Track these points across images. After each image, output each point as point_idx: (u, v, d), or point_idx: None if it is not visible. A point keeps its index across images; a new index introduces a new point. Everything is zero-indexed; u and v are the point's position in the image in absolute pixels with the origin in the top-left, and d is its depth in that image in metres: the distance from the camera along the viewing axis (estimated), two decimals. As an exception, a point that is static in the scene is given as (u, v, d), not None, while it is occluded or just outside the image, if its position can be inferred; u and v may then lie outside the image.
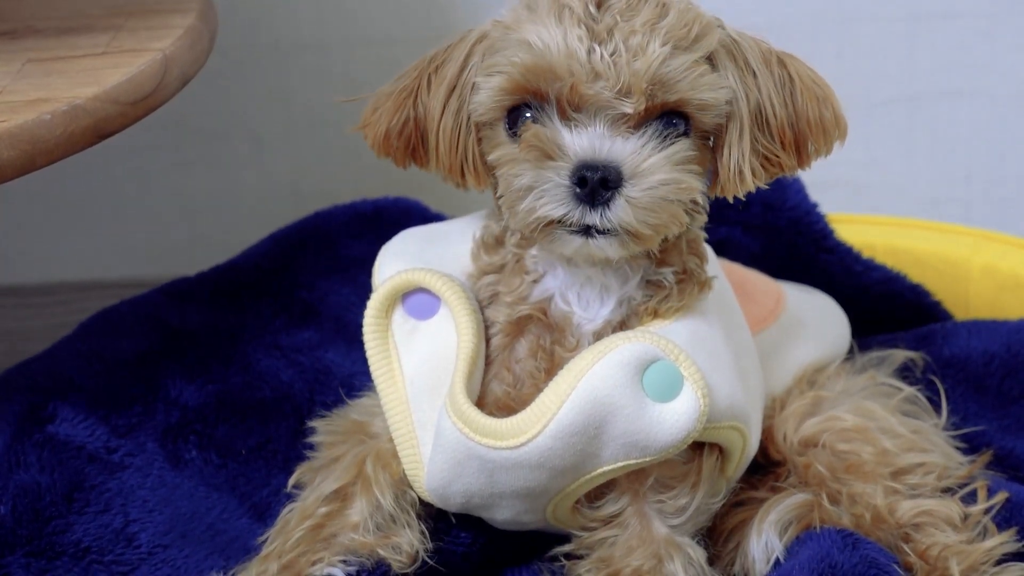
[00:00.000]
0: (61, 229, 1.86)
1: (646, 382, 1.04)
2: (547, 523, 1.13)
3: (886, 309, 1.47)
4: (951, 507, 1.15)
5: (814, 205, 1.47)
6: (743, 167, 1.03)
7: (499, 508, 1.11)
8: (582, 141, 0.99)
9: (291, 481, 1.18)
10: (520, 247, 1.10)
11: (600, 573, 1.08)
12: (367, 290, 1.15)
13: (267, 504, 1.26)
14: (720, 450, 1.11)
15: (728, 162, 1.04)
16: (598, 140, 0.99)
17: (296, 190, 1.83)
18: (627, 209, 0.99)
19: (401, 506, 1.13)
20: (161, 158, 1.82)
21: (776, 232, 1.46)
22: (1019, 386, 1.34)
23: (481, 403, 1.09)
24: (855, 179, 1.79)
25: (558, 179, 0.99)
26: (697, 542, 1.10)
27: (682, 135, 1.02)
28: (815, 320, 1.32)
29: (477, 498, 1.09)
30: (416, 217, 1.49)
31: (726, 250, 1.45)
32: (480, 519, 1.16)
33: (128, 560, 1.17)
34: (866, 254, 1.47)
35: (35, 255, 1.88)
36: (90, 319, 1.39)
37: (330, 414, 1.21)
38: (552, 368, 1.08)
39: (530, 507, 1.10)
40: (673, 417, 1.03)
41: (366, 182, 1.65)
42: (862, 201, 1.80)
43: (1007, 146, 1.79)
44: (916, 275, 1.48)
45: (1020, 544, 1.15)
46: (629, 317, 1.09)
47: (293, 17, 1.74)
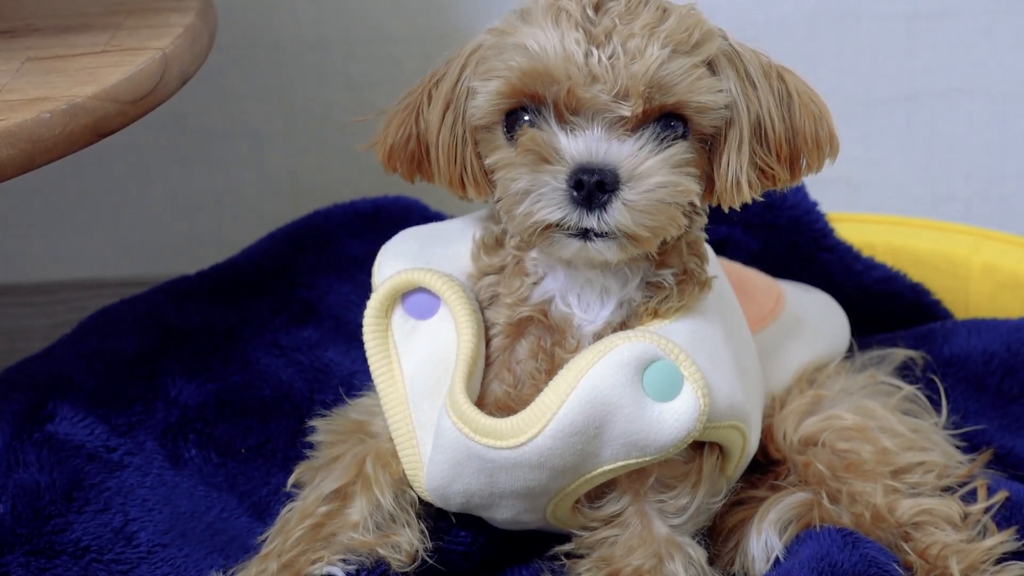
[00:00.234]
0: (60, 228, 1.86)
1: (646, 381, 1.04)
2: (547, 523, 1.13)
3: (886, 308, 1.47)
4: (951, 506, 1.15)
5: (814, 204, 1.47)
6: (740, 178, 1.03)
7: (499, 508, 1.11)
8: (579, 145, 0.99)
9: (291, 480, 1.18)
10: (520, 249, 1.10)
11: (600, 572, 1.08)
12: (367, 289, 1.15)
13: (266, 503, 1.26)
14: (720, 449, 1.11)
15: (726, 172, 1.04)
16: (595, 143, 0.99)
17: (296, 189, 1.83)
18: (624, 212, 0.99)
19: (401, 505, 1.13)
20: (160, 157, 1.82)
21: (776, 231, 1.46)
22: (1019, 385, 1.34)
23: (481, 403, 1.09)
24: (855, 177, 1.79)
25: (555, 183, 0.99)
26: (697, 542, 1.10)
27: (680, 138, 1.02)
28: (815, 319, 1.32)
29: (477, 498, 1.09)
30: (416, 216, 1.48)
31: (726, 249, 1.45)
32: (480, 518, 1.16)
33: (127, 559, 1.16)
34: (866, 253, 1.47)
35: (34, 254, 1.87)
36: (89, 318, 1.39)
37: (330, 413, 1.21)
38: (552, 369, 1.08)
39: (530, 507, 1.10)
40: (673, 416, 1.03)
41: (366, 180, 1.65)
42: (862, 200, 1.80)
43: (1007, 144, 1.79)
44: (916, 274, 1.48)
45: (1020, 543, 1.15)
46: (629, 318, 1.09)
47: (293, 16, 1.74)
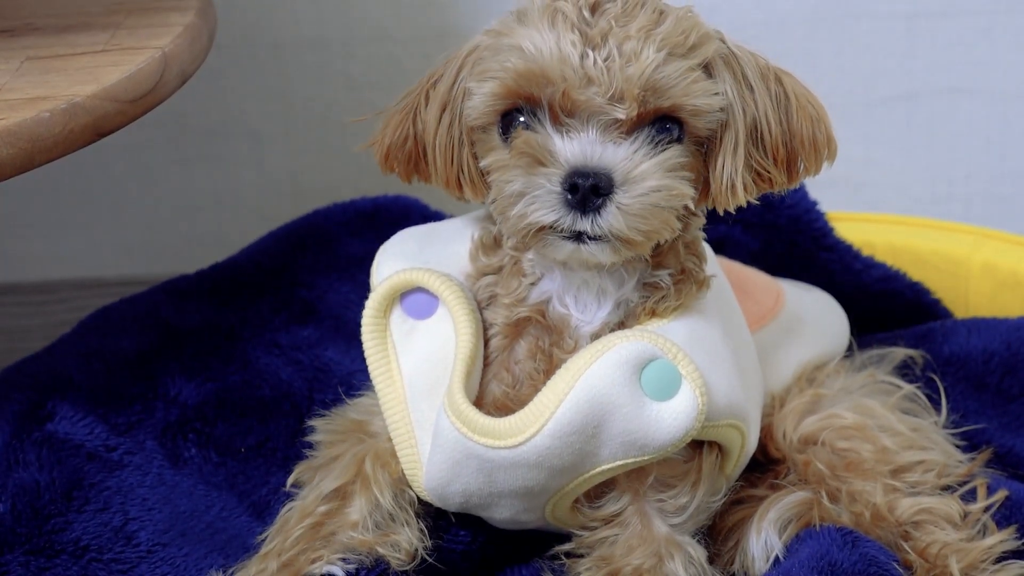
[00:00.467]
0: (60, 227, 1.86)
1: (644, 381, 1.03)
2: (546, 522, 1.13)
3: (886, 307, 1.47)
4: (951, 505, 1.15)
5: (813, 203, 1.47)
6: (736, 181, 1.03)
7: (498, 507, 1.10)
8: (573, 148, 0.99)
9: (290, 480, 1.18)
10: (517, 250, 1.10)
11: (600, 572, 1.08)
12: (366, 288, 1.15)
13: (266, 502, 1.26)
14: (719, 448, 1.11)
15: (721, 175, 1.03)
16: (589, 146, 0.99)
17: (295, 188, 1.83)
18: (618, 216, 0.98)
19: (400, 504, 1.13)
20: (160, 156, 1.82)
21: (775, 230, 1.46)
22: (1019, 384, 1.34)
23: (480, 403, 1.09)
24: (855, 177, 1.79)
25: (549, 185, 0.99)
26: (697, 541, 1.10)
27: (675, 141, 1.02)
28: (814, 318, 1.32)
29: (476, 497, 1.09)
30: (415, 215, 1.48)
31: (725, 248, 1.45)
32: (480, 517, 1.16)
33: (127, 558, 1.16)
34: (865, 252, 1.47)
35: (34, 253, 1.87)
36: (89, 317, 1.39)
37: (329, 413, 1.21)
38: (550, 369, 1.08)
39: (529, 506, 1.10)
40: (671, 415, 1.03)
41: (366, 180, 1.64)
42: (861, 199, 1.80)
43: (1007, 144, 1.79)
44: (916, 273, 1.48)
45: (1020, 542, 1.15)
46: (627, 318, 1.09)
47: (292, 15, 1.74)
